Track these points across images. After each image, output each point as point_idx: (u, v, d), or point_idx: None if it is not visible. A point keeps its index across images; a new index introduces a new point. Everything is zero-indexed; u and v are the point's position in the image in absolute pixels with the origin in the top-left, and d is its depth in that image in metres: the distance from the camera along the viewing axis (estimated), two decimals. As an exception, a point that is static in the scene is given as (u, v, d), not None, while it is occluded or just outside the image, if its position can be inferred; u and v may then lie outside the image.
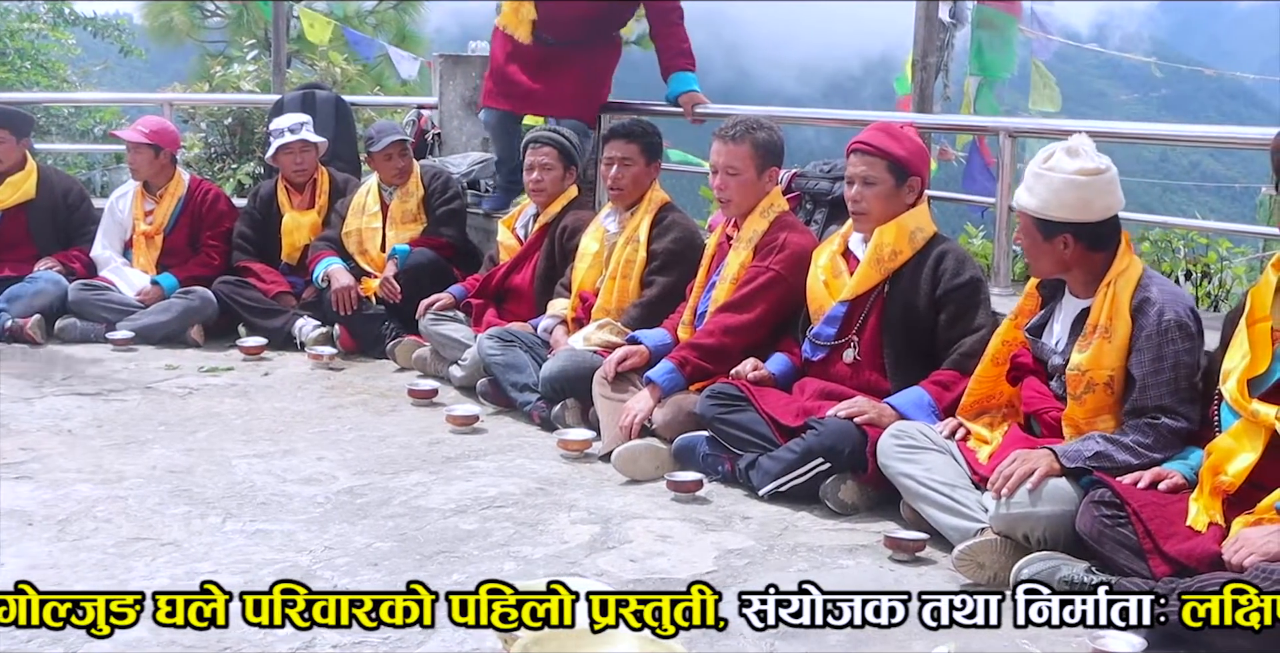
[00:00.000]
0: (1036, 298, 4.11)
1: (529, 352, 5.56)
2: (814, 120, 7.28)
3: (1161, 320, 3.71)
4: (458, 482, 4.55)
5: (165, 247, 7.24)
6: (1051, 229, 3.85)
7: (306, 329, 6.72)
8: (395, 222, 6.94)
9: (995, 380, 4.15)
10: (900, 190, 4.56)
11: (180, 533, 3.99)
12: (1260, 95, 45.61)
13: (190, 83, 13.68)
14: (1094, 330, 3.80)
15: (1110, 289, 3.81)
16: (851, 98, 50.20)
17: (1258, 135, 5.05)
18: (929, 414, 4.31)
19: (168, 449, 4.91)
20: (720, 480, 4.55)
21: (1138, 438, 3.65)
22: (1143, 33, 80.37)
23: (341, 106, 8.07)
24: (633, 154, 5.62)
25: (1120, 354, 3.76)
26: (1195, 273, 7.67)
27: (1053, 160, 3.83)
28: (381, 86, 16.88)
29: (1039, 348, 4.04)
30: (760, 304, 4.89)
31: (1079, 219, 3.81)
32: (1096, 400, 3.80)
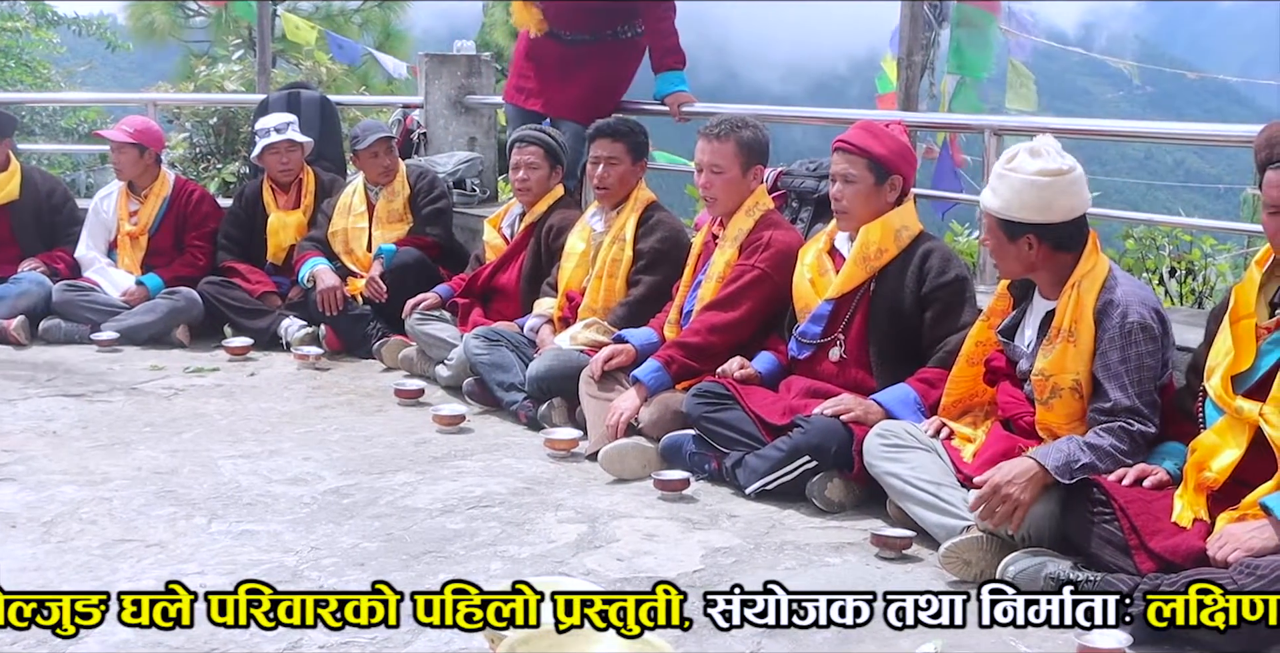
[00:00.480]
0: (1008, 298, 4.10)
1: (515, 351, 5.56)
2: (799, 118, 7.29)
3: (1125, 322, 3.69)
4: (444, 482, 4.55)
5: (150, 247, 7.22)
6: (1015, 230, 3.83)
7: (292, 329, 6.70)
8: (381, 221, 6.93)
9: (972, 380, 4.16)
10: (881, 189, 4.56)
11: (165, 534, 3.98)
12: (1244, 93, 45.76)
13: (175, 82, 13.66)
14: (1058, 334, 3.79)
15: (1075, 291, 3.79)
16: (838, 97, 50.23)
17: (1241, 133, 5.07)
18: (915, 411, 4.31)
19: (153, 450, 4.89)
20: (707, 479, 4.55)
21: (1114, 442, 3.62)
22: (1129, 32, 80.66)
23: (327, 106, 8.06)
24: (619, 153, 5.62)
25: (1085, 358, 3.74)
26: (1179, 270, 7.70)
27: (1015, 161, 3.81)
28: (367, 86, 16.86)
29: (1011, 350, 4.03)
30: (746, 302, 4.89)
31: (1042, 220, 3.78)
32: (1065, 406, 3.79)
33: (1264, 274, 3.46)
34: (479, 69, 8.52)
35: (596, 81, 6.72)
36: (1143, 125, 6.09)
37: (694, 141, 5.20)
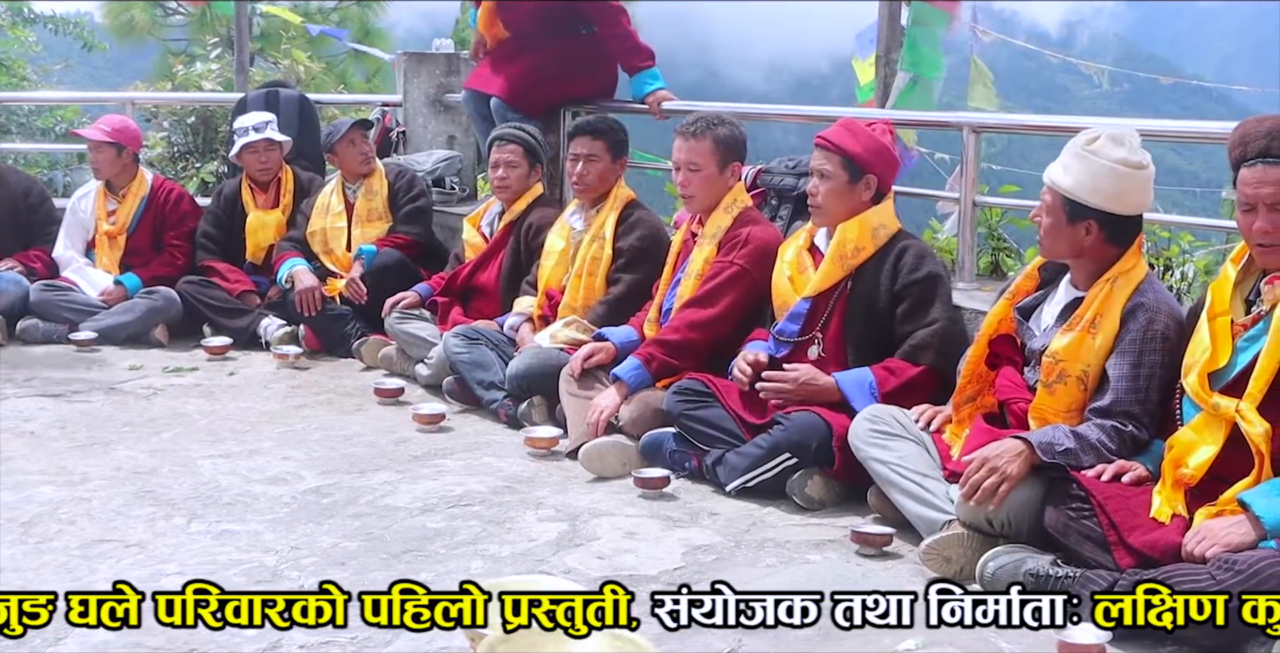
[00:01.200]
0: (1036, 279, 4.06)
1: (495, 350, 5.55)
2: (778, 116, 7.30)
3: (1150, 329, 3.68)
4: (424, 481, 4.54)
5: (128, 246, 7.20)
6: (1080, 212, 3.78)
7: (271, 329, 6.69)
8: (360, 220, 6.91)
9: (982, 359, 4.12)
10: (855, 187, 4.56)
11: (145, 534, 3.97)
12: (1220, 90, 45.93)
13: (153, 81, 13.57)
14: (1080, 322, 3.78)
15: (1109, 286, 3.77)
16: (820, 96, 50.24)
17: (1218, 130, 5.07)
18: (867, 395, 4.34)
19: (132, 450, 4.88)
20: (687, 477, 4.55)
21: (1103, 438, 3.63)
22: (1110, 30, 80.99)
23: (305, 105, 8.03)
24: (598, 150, 5.62)
25: (1100, 352, 3.73)
26: (1158, 266, 7.71)
27: (1097, 145, 3.77)
28: (345, 85, 16.81)
29: (1024, 330, 4.01)
30: (725, 299, 4.89)
31: (1109, 209, 3.76)
32: (1068, 393, 3.78)
33: (1239, 271, 3.47)
34: (457, 67, 8.49)
35: (535, 66, 6.72)
36: (1121, 123, 6.10)
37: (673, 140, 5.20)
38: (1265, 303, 3.37)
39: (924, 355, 4.41)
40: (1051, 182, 3.85)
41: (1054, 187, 3.83)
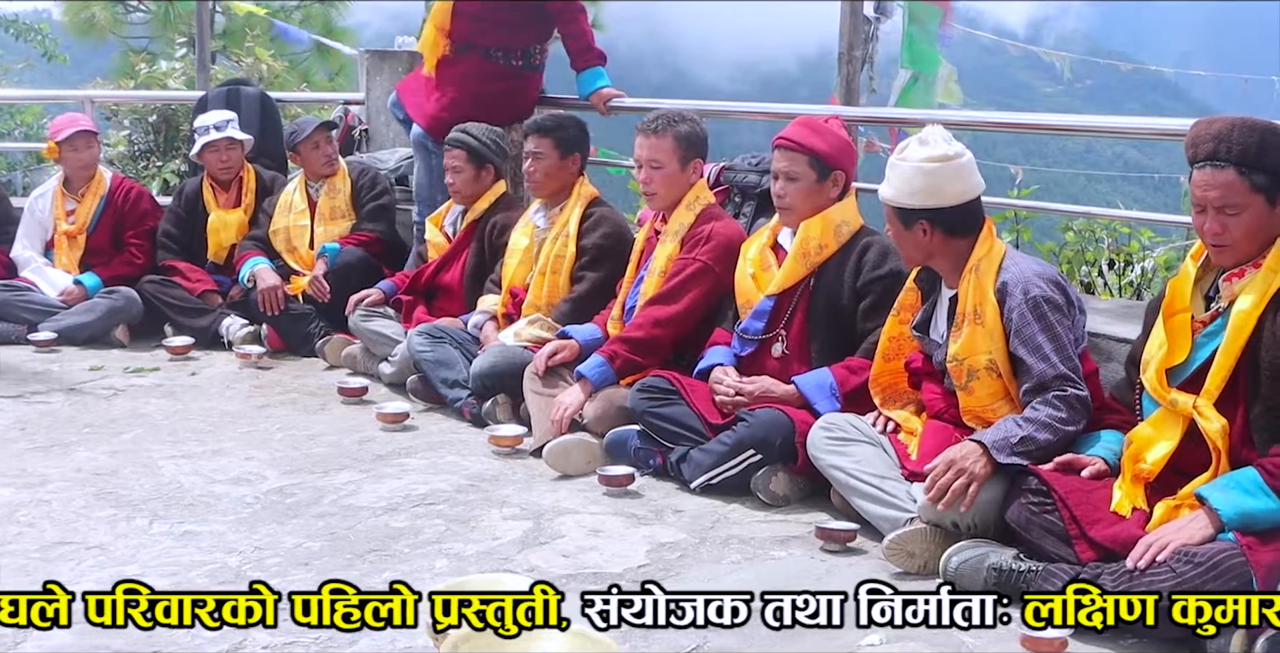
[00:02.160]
0: (916, 292, 4.18)
1: (459, 348, 5.54)
2: (739, 113, 7.30)
3: (1028, 298, 3.75)
4: (388, 480, 4.53)
5: (88, 246, 7.14)
6: (909, 217, 3.93)
7: (234, 328, 6.65)
8: (324, 218, 6.88)
9: (891, 375, 4.23)
10: (824, 185, 4.58)
11: (106, 536, 3.94)
12: (1180, 87, 46.32)
13: (114, 80, 13.48)
14: (964, 318, 3.86)
15: (974, 275, 3.87)
16: (787, 96, 50.23)
17: (1177, 126, 5.11)
18: (828, 396, 4.36)
19: (93, 451, 4.84)
20: (652, 474, 4.55)
21: (1051, 412, 3.66)
22: (1074, 29, 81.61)
23: (267, 103, 7.99)
24: (545, 148, 5.62)
25: (995, 338, 3.80)
26: (1118, 262, 7.78)
27: (906, 151, 3.93)
28: (308, 82, 16.73)
29: (927, 344, 4.09)
30: (689, 295, 4.89)
31: (932, 205, 3.89)
32: (985, 387, 3.84)
33: (1199, 268, 3.49)
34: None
35: (455, 102, 6.58)
36: (1082, 119, 6.15)
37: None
38: (1224, 299, 3.39)
39: None
40: (881, 197, 4.01)
41: (882, 199, 3.99)
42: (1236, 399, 3.32)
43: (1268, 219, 3.32)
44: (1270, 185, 3.29)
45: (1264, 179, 3.29)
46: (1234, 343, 3.29)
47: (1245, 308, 3.29)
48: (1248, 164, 3.28)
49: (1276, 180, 3.29)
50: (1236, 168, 3.29)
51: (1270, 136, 3.29)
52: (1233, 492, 3.15)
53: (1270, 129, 3.30)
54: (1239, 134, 3.30)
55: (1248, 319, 3.28)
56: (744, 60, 74.49)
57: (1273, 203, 3.30)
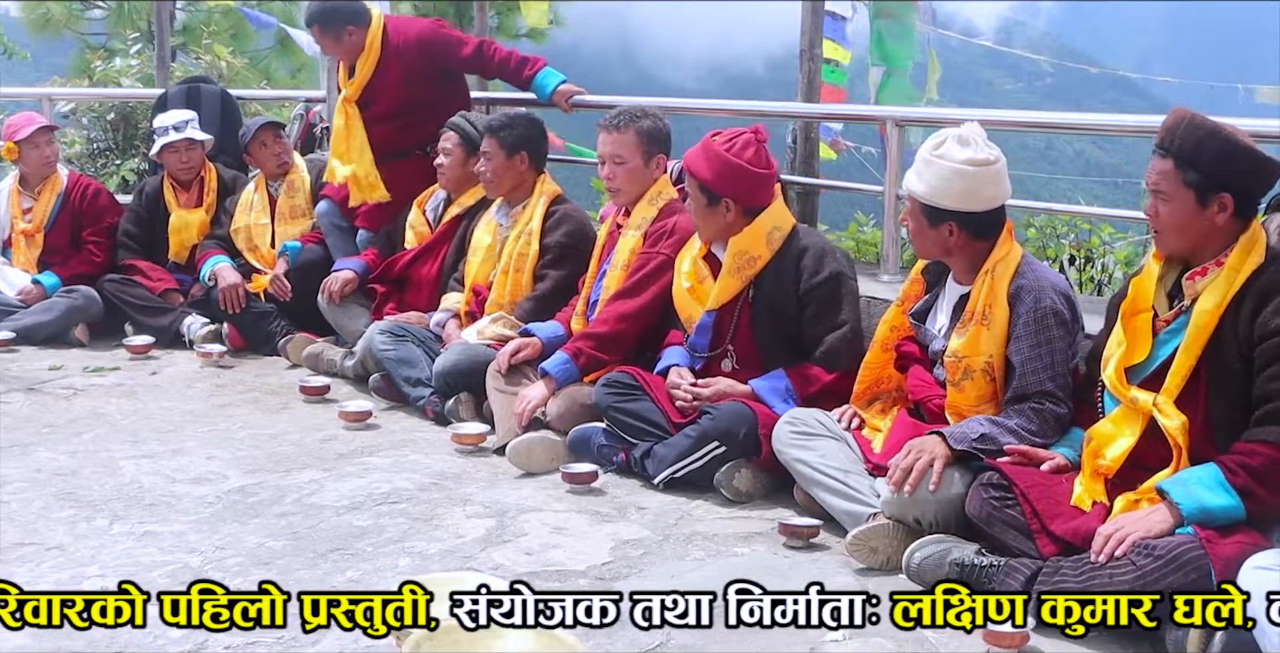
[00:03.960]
0: (922, 283, 4.17)
1: (422, 346, 5.53)
2: (701, 110, 7.29)
3: (1038, 308, 3.77)
4: (351, 478, 4.51)
5: (46, 244, 7.08)
6: (938, 216, 3.90)
7: (195, 327, 6.61)
8: (284, 217, 6.85)
9: (883, 366, 4.20)
10: (716, 209, 4.53)
11: (66, 537, 3.91)
12: (1140, 84, 46.65)
13: (70, 77, 13.38)
14: (972, 317, 3.86)
15: (989, 277, 3.86)
16: (754, 97, 50.25)
17: (1136, 123, 5.17)
18: (784, 399, 4.37)
19: (52, 452, 4.80)
20: (615, 472, 4.55)
21: (1021, 422, 3.70)
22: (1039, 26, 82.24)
23: (227, 101, 7.95)
24: (492, 148, 5.63)
25: (998, 341, 3.81)
26: (1079, 258, 7.83)
27: (944, 148, 3.87)
28: (269, 80, 16.64)
29: (923, 334, 4.09)
30: (651, 288, 4.89)
31: (966, 208, 3.86)
32: (976, 388, 3.86)
33: (1162, 266, 3.52)
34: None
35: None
36: (1043, 116, 6.16)
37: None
38: (1186, 298, 3.42)
39: (838, 362, 4.43)
40: (908, 189, 3.95)
41: (911, 194, 3.93)
42: (1197, 397, 3.34)
43: (1196, 218, 3.36)
44: (1201, 185, 3.33)
45: (1195, 177, 3.33)
46: (1195, 342, 3.32)
47: (1207, 307, 3.32)
48: (1184, 159, 3.34)
49: (1208, 182, 3.32)
50: (1175, 160, 3.36)
51: (1209, 139, 3.32)
52: (1194, 487, 3.18)
53: (1214, 131, 3.33)
54: (1185, 129, 3.35)
55: (1209, 318, 3.31)
56: (711, 61, 74.64)
57: (1203, 203, 3.34)
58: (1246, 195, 3.36)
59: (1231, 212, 3.34)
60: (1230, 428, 3.29)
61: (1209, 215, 3.35)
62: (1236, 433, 3.26)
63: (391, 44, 6.37)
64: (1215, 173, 3.32)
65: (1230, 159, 3.31)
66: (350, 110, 6.47)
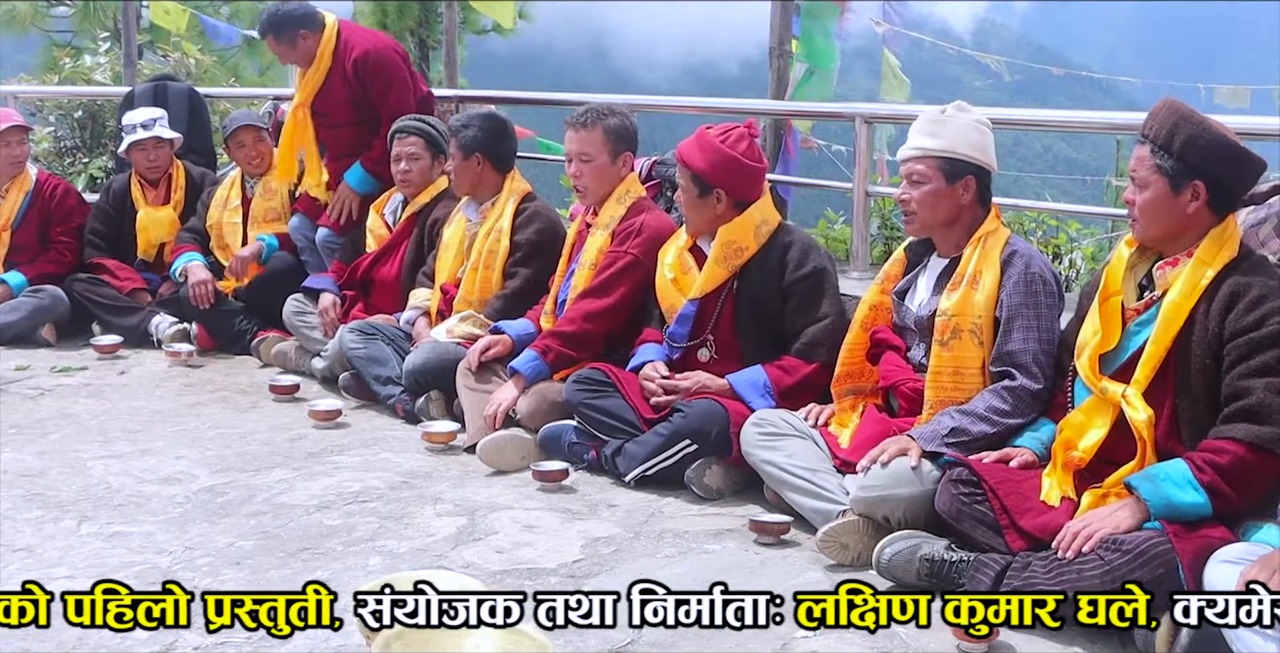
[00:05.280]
0: (903, 262, 4.21)
1: (391, 344, 5.52)
2: (670, 108, 7.31)
3: (1029, 272, 3.83)
4: (321, 477, 4.50)
5: (13, 244, 7.03)
6: (958, 170, 3.95)
7: (163, 326, 6.58)
8: (257, 220, 6.81)
9: (864, 347, 4.21)
10: (708, 200, 4.56)
11: (33, 538, 3.88)
12: (1106, 82, 46.85)
13: (37, 75, 13.27)
14: (962, 279, 3.90)
15: (981, 243, 3.93)
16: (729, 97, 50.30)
17: (1103, 119, 5.20)
18: (762, 394, 4.38)
19: (19, 453, 4.77)
20: (586, 469, 4.55)
21: (994, 404, 3.73)
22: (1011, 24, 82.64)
23: (195, 99, 7.91)
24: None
25: (987, 303, 3.85)
26: (1047, 253, 7.86)
27: (949, 112, 4.00)
28: (237, 78, 16.57)
29: (902, 312, 4.10)
30: (620, 288, 4.90)
31: (983, 161, 3.96)
32: (963, 348, 3.87)
33: (1133, 255, 3.54)
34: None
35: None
36: (1011, 112, 6.20)
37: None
38: (1157, 288, 3.44)
39: (816, 353, 4.44)
40: (921, 150, 3.99)
41: (926, 152, 3.98)
42: (1165, 391, 3.37)
43: (1169, 205, 3.39)
44: (1174, 172, 3.36)
45: (1169, 163, 3.37)
46: (1165, 333, 3.35)
47: (1176, 299, 3.35)
48: (1159, 144, 3.38)
49: (1181, 169, 3.36)
50: (1151, 145, 3.41)
51: (1183, 124, 3.36)
52: (1162, 484, 3.19)
53: (1187, 117, 3.37)
54: (1163, 115, 3.40)
55: (1179, 310, 3.34)
56: (685, 63, 74.70)
57: (1176, 190, 3.37)
58: (1221, 187, 3.38)
59: (1204, 201, 3.37)
60: (1196, 423, 3.31)
61: (1182, 203, 3.37)
62: (1202, 428, 3.28)
63: (339, 56, 6.43)
64: (1188, 159, 3.35)
65: (1203, 146, 3.34)
66: (300, 114, 6.55)
